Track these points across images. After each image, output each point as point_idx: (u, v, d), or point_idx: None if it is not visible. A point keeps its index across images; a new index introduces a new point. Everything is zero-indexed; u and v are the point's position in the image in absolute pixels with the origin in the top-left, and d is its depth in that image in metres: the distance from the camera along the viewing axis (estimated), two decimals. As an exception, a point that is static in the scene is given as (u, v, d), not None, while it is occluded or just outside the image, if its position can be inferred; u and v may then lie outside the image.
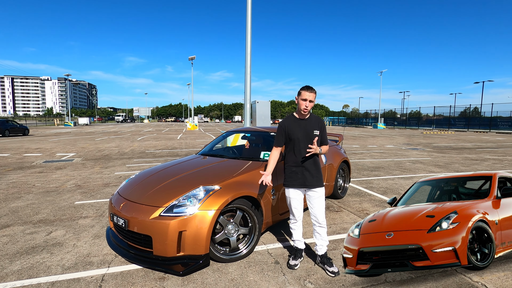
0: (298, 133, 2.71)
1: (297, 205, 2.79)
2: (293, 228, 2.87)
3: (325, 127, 2.79)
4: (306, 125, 2.72)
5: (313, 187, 2.70)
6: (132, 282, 2.49)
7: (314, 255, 2.98)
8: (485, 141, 18.05)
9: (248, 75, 8.06)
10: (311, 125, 2.71)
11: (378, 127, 41.71)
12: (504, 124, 32.60)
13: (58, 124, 48.27)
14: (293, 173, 2.74)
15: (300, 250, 2.86)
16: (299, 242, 2.87)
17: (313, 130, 2.70)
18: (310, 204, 2.76)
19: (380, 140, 18.44)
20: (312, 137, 2.68)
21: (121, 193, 3.15)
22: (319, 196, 2.72)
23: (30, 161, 9.25)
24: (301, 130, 2.71)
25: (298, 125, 2.74)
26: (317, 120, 2.77)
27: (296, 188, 2.77)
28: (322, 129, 2.75)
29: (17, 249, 3.13)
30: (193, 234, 2.56)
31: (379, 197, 5.21)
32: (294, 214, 2.82)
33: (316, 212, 2.72)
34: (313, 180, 2.70)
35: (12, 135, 21.52)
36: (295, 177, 2.73)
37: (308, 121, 2.74)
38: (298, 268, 2.75)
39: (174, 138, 19.43)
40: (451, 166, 8.62)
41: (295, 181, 2.74)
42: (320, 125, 2.75)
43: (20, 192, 5.49)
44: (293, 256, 2.84)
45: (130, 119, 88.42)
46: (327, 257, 2.74)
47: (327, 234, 3.09)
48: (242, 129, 4.91)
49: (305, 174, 2.70)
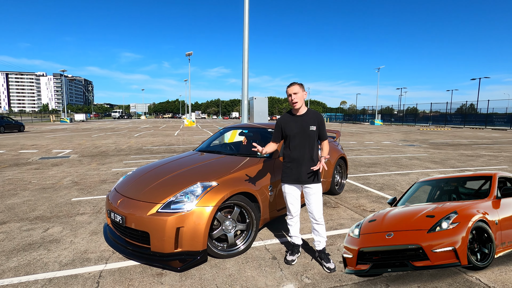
0: (294, 129, 2.71)
1: (292, 200, 2.79)
2: (290, 224, 2.88)
3: (323, 122, 2.76)
4: (303, 121, 2.71)
5: (308, 183, 2.70)
6: (130, 278, 2.50)
7: (311, 251, 3.00)
8: (481, 138, 18.19)
9: (246, 71, 8.04)
10: (307, 121, 2.70)
11: (375, 123, 41.84)
12: (500, 121, 32.84)
13: (54, 120, 47.93)
14: (288, 168, 2.75)
15: (297, 246, 2.88)
16: (296, 238, 2.88)
17: (309, 126, 2.68)
18: (307, 200, 2.76)
19: (377, 137, 18.51)
20: (309, 133, 2.67)
21: (118, 189, 3.14)
22: (315, 192, 2.71)
23: (26, 158, 9.19)
24: (297, 126, 2.70)
25: (294, 121, 2.74)
26: (314, 115, 2.74)
27: (291, 184, 2.77)
28: (320, 125, 2.72)
29: (13, 246, 3.12)
30: (190, 230, 2.56)
31: (376, 193, 5.24)
32: (290, 210, 2.83)
33: (313, 208, 2.72)
34: (308, 176, 2.69)
35: (8, 131, 21.34)
36: (290, 172, 2.73)
37: (304, 117, 2.72)
38: (295, 263, 2.76)
39: (171, 135, 19.38)
40: (447, 162, 8.68)
41: (289, 176, 2.74)
42: (318, 121, 2.72)
43: (16, 188, 5.46)
44: (290, 252, 2.85)
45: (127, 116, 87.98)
46: (325, 253, 2.76)
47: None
48: (239, 126, 4.90)
49: (300, 170, 2.69)
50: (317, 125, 2.71)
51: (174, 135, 18.88)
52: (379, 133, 22.52)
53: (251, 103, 10.68)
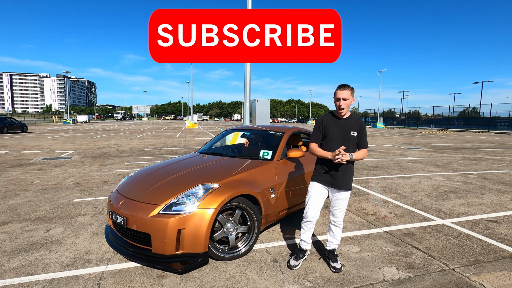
0: (335, 131, 2.62)
1: (314, 203, 2.70)
2: (303, 227, 2.78)
3: (365, 129, 2.66)
4: (344, 125, 2.62)
5: (340, 189, 2.63)
6: (131, 280, 2.49)
7: (314, 254, 2.98)
8: (483, 141, 18.10)
9: (248, 74, 8.05)
10: (349, 126, 2.61)
11: (377, 126, 41.75)
12: (503, 124, 32.71)
13: (56, 121, 48.12)
14: (323, 169, 2.67)
15: (303, 251, 2.80)
16: (305, 243, 2.79)
17: (350, 130, 2.60)
18: (333, 203, 2.70)
19: (379, 140, 18.46)
20: (349, 138, 2.59)
21: (120, 190, 3.15)
22: (344, 198, 2.66)
23: (29, 158, 9.23)
24: (338, 129, 2.62)
25: (335, 123, 2.65)
26: (356, 121, 2.65)
27: (321, 184, 2.69)
28: (361, 131, 2.63)
29: (15, 246, 3.12)
30: (192, 232, 2.56)
31: (378, 196, 5.22)
32: (308, 214, 2.72)
33: (337, 212, 2.69)
34: (342, 181, 2.61)
35: (11, 132, 21.45)
36: (325, 174, 2.66)
37: (346, 121, 2.63)
38: (297, 269, 2.71)
39: (173, 136, 19.41)
40: (450, 165, 8.64)
41: (322, 176, 2.67)
42: (359, 126, 2.63)
43: (18, 189, 5.47)
44: (294, 256, 2.78)
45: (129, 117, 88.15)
46: (334, 254, 2.76)
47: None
48: (241, 128, 4.91)
49: (335, 174, 2.61)
50: (359, 130, 2.62)
51: (176, 137, 18.91)
52: (381, 136, 22.46)
53: (253, 105, 10.69)
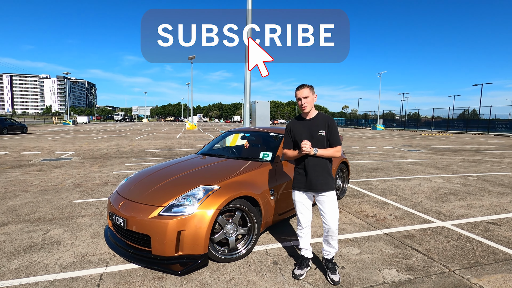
0: (302, 134, 2.57)
1: (303, 210, 2.64)
2: (299, 235, 2.72)
3: (334, 126, 2.56)
4: (311, 125, 2.56)
5: (319, 191, 2.54)
6: (130, 282, 2.49)
7: (314, 257, 2.97)
8: (483, 144, 18.11)
9: (248, 75, 8.06)
10: (316, 125, 2.55)
11: (377, 128, 41.76)
12: (502, 127, 32.70)
13: (56, 122, 48.12)
14: (300, 175, 2.61)
15: (307, 259, 2.70)
16: (306, 251, 2.71)
17: (317, 130, 2.53)
18: (320, 208, 2.59)
19: (379, 141, 18.47)
20: (317, 138, 2.52)
21: (120, 192, 3.14)
22: (330, 200, 2.53)
23: (29, 159, 9.22)
24: (305, 131, 2.57)
25: (302, 125, 2.61)
26: (324, 119, 2.57)
27: (301, 191, 2.62)
28: (330, 129, 2.53)
29: (15, 247, 3.12)
30: (192, 234, 2.56)
31: (378, 198, 5.22)
32: (300, 220, 2.68)
33: (328, 219, 2.53)
34: (320, 184, 2.52)
35: (11, 133, 21.44)
36: (301, 179, 2.59)
37: (313, 121, 2.58)
38: (303, 278, 2.59)
39: (173, 138, 19.41)
40: (450, 167, 8.64)
41: (300, 183, 2.60)
42: (327, 124, 2.54)
43: (18, 190, 5.47)
44: (298, 266, 2.68)
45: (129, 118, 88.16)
46: (332, 263, 2.63)
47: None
48: (241, 129, 4.91)
49: (311, 177, 2.53)
50: (327, 129, 2.53)
51: (176, 138, 18.91)
52: (381, 138, 22.47)
53: (253, 107, 10.71)
